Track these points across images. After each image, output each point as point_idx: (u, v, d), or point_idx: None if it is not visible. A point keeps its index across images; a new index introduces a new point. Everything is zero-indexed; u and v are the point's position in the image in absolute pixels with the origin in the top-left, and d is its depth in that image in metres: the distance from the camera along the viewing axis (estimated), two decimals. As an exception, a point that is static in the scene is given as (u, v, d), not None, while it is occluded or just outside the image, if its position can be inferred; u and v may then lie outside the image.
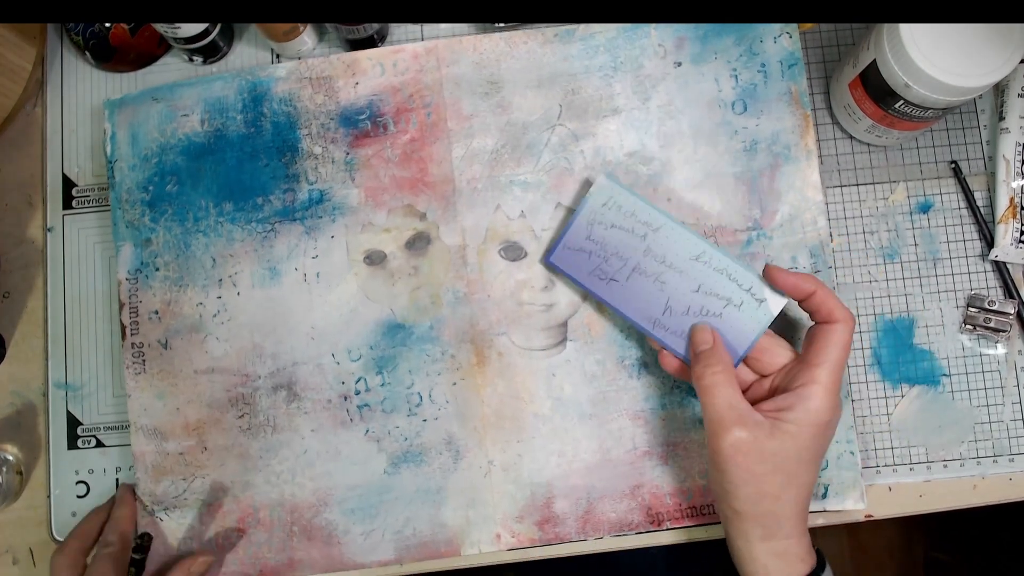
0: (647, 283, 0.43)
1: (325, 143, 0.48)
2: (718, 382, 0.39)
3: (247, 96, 0.49)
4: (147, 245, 0.49)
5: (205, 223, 0.49)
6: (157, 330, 0.48)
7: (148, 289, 0.48)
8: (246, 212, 0.48)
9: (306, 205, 0.48)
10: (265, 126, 0.49)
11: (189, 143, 0.49)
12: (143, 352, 0.48)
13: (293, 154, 0.49)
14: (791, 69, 0.48)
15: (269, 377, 0.48)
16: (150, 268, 0.49)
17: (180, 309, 0.48)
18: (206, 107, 0.49)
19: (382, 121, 0.48)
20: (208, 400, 0.48)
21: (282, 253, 0.48)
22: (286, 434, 0.47)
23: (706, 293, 0.43)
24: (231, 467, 0.47)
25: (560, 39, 0.48)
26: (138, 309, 0.48)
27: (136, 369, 0.48)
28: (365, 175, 0.48)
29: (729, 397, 0.38)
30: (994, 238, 0.48)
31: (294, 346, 0.48)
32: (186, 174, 0.49)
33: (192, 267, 0.48)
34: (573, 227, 0.44)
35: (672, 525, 0.46)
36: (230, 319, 0.48)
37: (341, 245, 0.48)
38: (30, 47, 0.50)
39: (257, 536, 0.47)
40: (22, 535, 0.49)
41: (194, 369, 0.48)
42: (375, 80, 0.48)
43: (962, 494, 0.48)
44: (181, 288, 0.48)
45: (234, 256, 0.48)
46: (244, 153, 0.49)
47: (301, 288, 0.48)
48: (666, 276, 0.43)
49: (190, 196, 0.49)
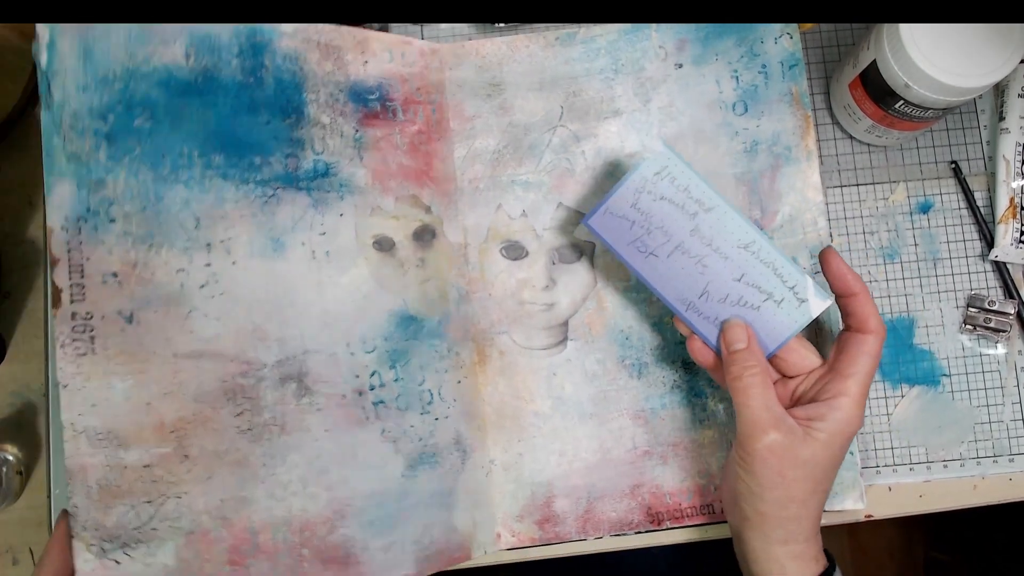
0: (688, 263, 0.41)
1: (334, 114, 0.44)
2: (755, 383, 0.38)
3: (244, 41, 0.42)
4: (98, 188, 0.38)
5: (187, 173, 0.40)
6: (116, 298, 0.37)
7: (99, 244, 0.37)
8: (240, 170, 0.41)
9: (311, 175, 0.43)
10: (267, 79, 0.42)
11: (169, 76, 0.40)
12: (91, 325, 0.37)
13: (299, 117, 0.43)
14: (792, 70, 0.48)
15: (277, 366, 0.40)
16: (101, 217, 0.38)
17: (152, 275, 0.38)
18: (192, 40, 0.41)
19: (392, 106, 0.46)
20: (194, 392, 0.38)
21: (286, 224, 0.42)
22: (296, 435, 0.40)
23: (748, 284, 0.41)
24: (222, 480, 0.38)
25: (561, 42, 0.48)
26: (83, 268, 0.37)
27: (79, 348, 0.36)
28: (374, 156, 0.45)
29: (766, 399, 0.38)
30: (994, 238, 0.48)
31: (304, 331, 0.41)
32: (164, 111, 0.40)
33: (167, 224, 0.39)
34: (619, 191, 0.40)
35: (672, 525, 0.46)
36: (223, 292, 0.39)
37: (350, 225, 0.43)
38: (30, 47, 0.50)
39: (258, 568, 0.38)
40: (22, 535, 0.49)
41: (174, 352, 0.38)
42: (384, 64, 0.46)
43: (962, 494, 0.48)
44: (152, 248, 0.38)
45: (227, 219, 0.40)
46: (240, 103, 0.41)
47: (310, 266, 0.42)
48: (709, 259, 0.41)
49: (168, 138, 0.39)
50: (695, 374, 0.47)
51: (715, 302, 0.41)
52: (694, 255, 0.41)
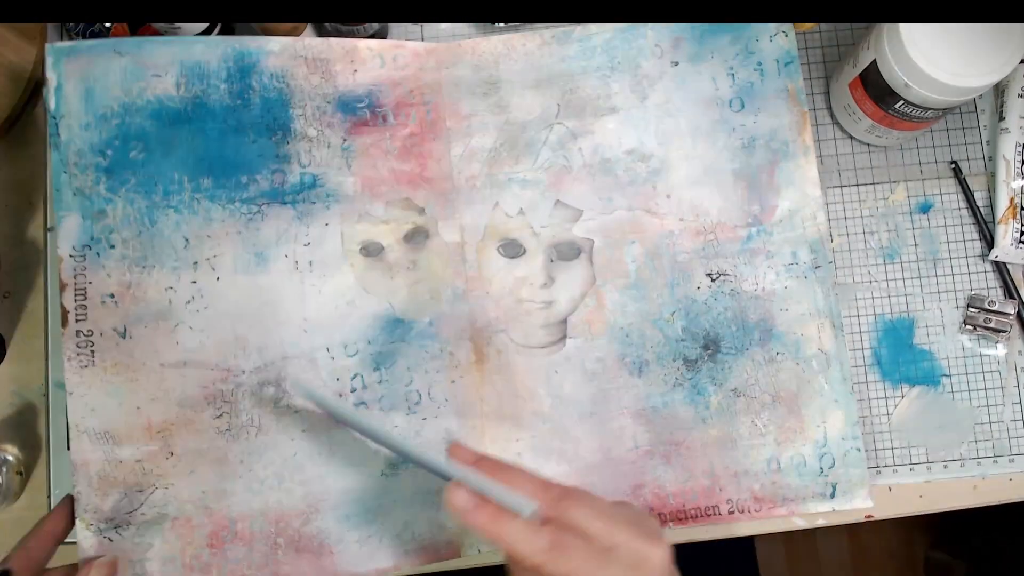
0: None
1: (321, 126, 0.46)
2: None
3: (232, 65, 0.45)
4: (100, 218, 0.43)
5: (177, 198, 0.44)
6: (113, 316, 0.43)
7: (100, 269, 0.43)
8: (228, 190, 0.44)
9: (297, 189, 0.45)
10: (254, 100, 0.45)
11: (161, 107, 0.44)
12: (91, 341, 0.43)
13: (285, 134, 0.45)
14: (787, 67, 0.48)
15: (254, 372, 0.44)
16: (102, 244, 0.43)
17: (144, 293, 0.43)
18: (183, 70, 0.44)
19: (381, 112, 0.47)
20: (178, 398, 0.43)
21: (270, 238, 0.45)
22: (273, 435, 0.44)
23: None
24: (203, 474, 0.43)
25: (557, 40, 0.48)
26: (86, 291, 0.43)
27: (82, 361, 0.42)
28: (363, 164, 0.46)
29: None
30: (994, 238, 0.48)
31: (284, 339, 0.44)
32: (156, 141, 0.44)
33: (159, 246, 0.43)
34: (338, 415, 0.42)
35: (675, 525, 0.46)
36: (207, 307, 0.44)
37: (335, 234, 0.45)
38: (30, 47, 0.50)
39: (234, 552, 0.43)
40: (22, 535, 0.49)
41: (161, 362, 0.43)
42: (375, 71, 0.47)
43: (962, 494, 0.48)
44: (145, 270, 0.43)
45: (212, 237, 0.44)
46: (228, 126, 0.45)
47: (292, 277, 0.45)
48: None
49: (160, 166, 0.44)
50: (697, 372, 0.47)
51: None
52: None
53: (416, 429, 0.46)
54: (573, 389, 0.47)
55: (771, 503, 0.46)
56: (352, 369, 0.45)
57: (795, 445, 0.46)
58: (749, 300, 0.47)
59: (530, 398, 0.47)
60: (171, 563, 0.42)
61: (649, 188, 0.47)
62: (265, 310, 0.44)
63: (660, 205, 0.47)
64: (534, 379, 0.47)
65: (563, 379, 0.47)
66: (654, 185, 0.48)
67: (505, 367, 0.47)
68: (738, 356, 0.47)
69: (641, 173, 0.48)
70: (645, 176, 0.48)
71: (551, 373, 0.47)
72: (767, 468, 0.46)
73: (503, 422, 0.46)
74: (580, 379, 0.47)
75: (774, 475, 0.46)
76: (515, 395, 0.47)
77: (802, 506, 0.46)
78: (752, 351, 0.47)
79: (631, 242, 0.47)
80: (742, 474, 0.46)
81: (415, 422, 0.46)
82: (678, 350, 0.47)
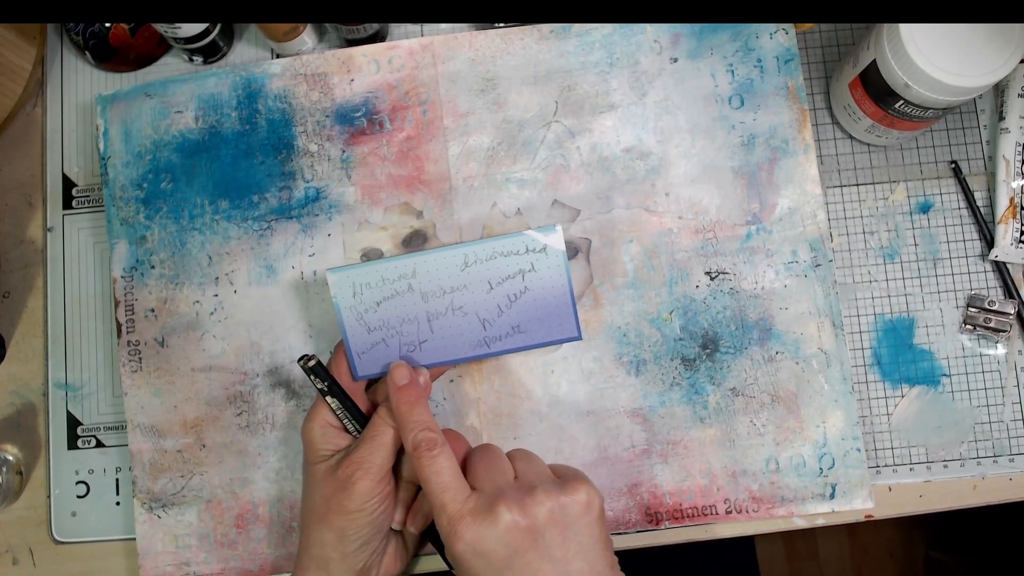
0: (450, 319, 0.42)
1: (321, 140, 0.49)
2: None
3: (241, 93, 0.49)
4: (142, 243, 0.49)
5: (201, 221, 0.49)
6: (153, 328, 0.48)
7: (144, 287, 0.49)
8: (242, 210, 0.49)
9: (302, 203, 0.48)
10: (260, 123, 0.49)
11: (183, 140, 0.49)
12: (139, 350, 0.48)
13: (289, 151, 0.49)
14: (787, 64, 0.48)
15: (267, 375, 0.48)
16: (145, 266, 0.49)
17: (176, 307, 0.48)
18: (200, 104, 0.49)
19: (378, 118, 0.48)
20: (206, 398, 0.48)
21: (279, 251, 0.48)
22: (285, 431, 0.47)
23: (498, 284, 0.42)
24: (229, 464, 0.48)
25: (556, 36, 0.48)
26: (134, 307, 0.49)
27: (133, 367, 0.48)
28: (362, 173, 0.48)
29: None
30: (994, 238, 0.48)
31: (291, 344, 0.48)
32: (180, 171, 0.49)
33: (188, 265, 0.49)
34: (349, 335, 0.43)
35: (671, 524, 0.46)
36: (227, 317, 0.48)
37: (338, 243, 0.48)
38: (30, 47, 0.51)
39: (256, 532, 0.47)
40: (22, 535, 0.50)
41: (191, 367, 0.48)
42: (370, 77, 0.48)
43: (962, 494, 0.48)
44: (177, 286, 0.48)
45: (230, 254, 0.49)
46: (239, 150, 0.49)
47: (298, 286, 0.48)
48: (458, 300, 0.42)
49: (185, 193, 0.49)
50: (695, 371, 0.47)
51: (496, 319, 0.42)
52: (445, 311, 0.43)
53: None
54: (570, 388, 0.47)
55: (770, 503, 0.46)
56: None
57: (794, 445, 0.46)
58: (748, 299, 0.47)
59: (527, 397, 0.47)
60: (206, 539, 0.47)
61: (648, 186, 0.47)
62: (275, 318, 0.48)
63: (659, 203, 0.47)
64: (531, 378, 0.47)
65: (560, 378, 0.47)
66: (653, 183, 0.47)
67: (503, 367, 0.47)
68: (737, 355, 0.47)
69: (639, 171, 0.48)
70: (644, 174, 0.48)
71: (548, 372, 0.47)
72: (765, 468, 0.46)
73: (500, 420, 0.47)
74: (577, 378, 0.47)
75: (773, 475, 0.46)
76: (512, 394, 0.47)
77: (801, 507, 0.46)
78: (751, 350, 0.47)
79: (629, 241, 0.47)
80: (740, 474, 0.46)
81: None
82: (676, 349, 0.47)
